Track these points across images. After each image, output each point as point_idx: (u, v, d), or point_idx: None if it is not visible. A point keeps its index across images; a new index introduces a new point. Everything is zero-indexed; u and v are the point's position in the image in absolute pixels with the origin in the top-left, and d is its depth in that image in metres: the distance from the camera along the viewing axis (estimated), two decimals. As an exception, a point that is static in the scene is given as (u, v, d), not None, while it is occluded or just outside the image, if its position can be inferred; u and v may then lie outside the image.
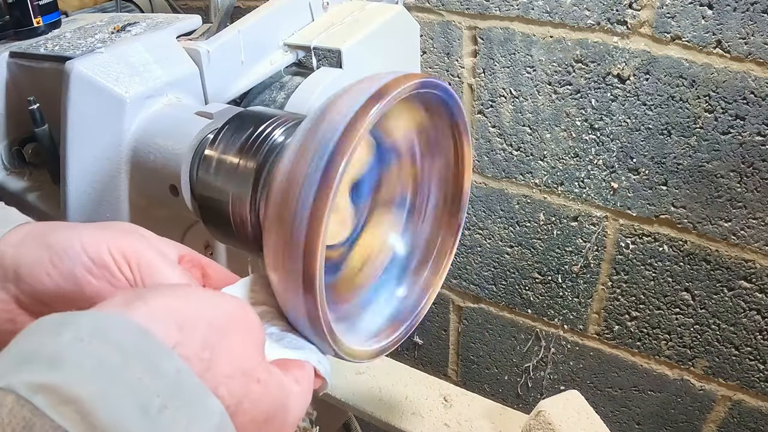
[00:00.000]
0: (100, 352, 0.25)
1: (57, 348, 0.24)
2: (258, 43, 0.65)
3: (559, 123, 0.90)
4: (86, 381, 0.24)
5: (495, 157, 0.99)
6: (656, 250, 0.92)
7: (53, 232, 0.36)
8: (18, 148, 0.68)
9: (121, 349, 0.25)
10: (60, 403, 0.22)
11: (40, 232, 0.36)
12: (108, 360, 0.25)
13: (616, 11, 0.79)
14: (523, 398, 1.20)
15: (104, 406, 0.23)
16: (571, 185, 0.94)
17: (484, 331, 1.17)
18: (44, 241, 0.36)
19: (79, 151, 0.55)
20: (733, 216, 0.83)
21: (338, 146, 0.34)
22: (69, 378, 0.23)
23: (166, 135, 0.53)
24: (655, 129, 0.84)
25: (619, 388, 1.07)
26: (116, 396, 0.24)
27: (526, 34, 0.87)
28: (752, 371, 0.92)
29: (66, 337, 0.25)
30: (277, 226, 0.35)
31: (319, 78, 0.64)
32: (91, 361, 0.24)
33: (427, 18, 0.94)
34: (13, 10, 0.65)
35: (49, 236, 0.36)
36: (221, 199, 0.47)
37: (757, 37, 0.72)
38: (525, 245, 1.04)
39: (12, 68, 0.65)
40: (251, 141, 0.46)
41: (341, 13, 0.72)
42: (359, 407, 0.73)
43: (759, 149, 0.78)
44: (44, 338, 0.25)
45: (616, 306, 1.00)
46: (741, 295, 0.88)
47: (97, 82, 0.53)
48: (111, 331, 0.26)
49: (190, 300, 0.30)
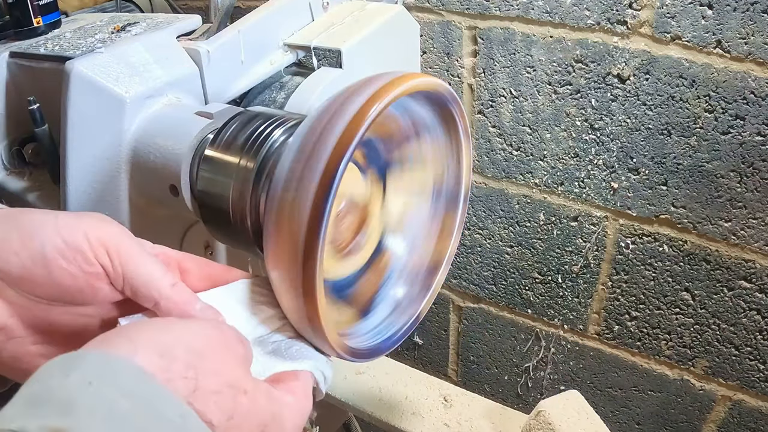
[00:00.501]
0: (109, 398, 0.25)
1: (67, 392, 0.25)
2: (258, 43, 0.65)
3: (559, 123, 0.90)
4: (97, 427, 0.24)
5: (495, 157, 0.99)
6: (656, 250, 0.92)
7: (26, 214, 0.36)
8: (18, 148, 0.68)
9: (129, 395, 0.26)
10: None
11: (11, 213, 0.36)
12: (117, 406, 0.25)
13: (616, 11, 0.79)
14: (523, 398, 1.20)
15: None
16: (571, 185, 0.94)
17: (484, 331, 1.17)
18: (15, 221, 0.35)
19: (79, 151, 0.55)
20: (733, 216, 0.83)
21: (338, 146, 0.34)
22: (81, 423, 0.24)
23: (166, 135, 0.53)
24: (655, 129, 0.84)
25: (619, 388, 1.07)
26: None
27: (526, 34, 0.87)
28: (752, 371, 0.92)
29: (74, 380, 0.25)
30: (277, 226, 0.35)
31: (319, 78, 0.64)
32: (101, 407, 0.25)
33: (427, 18, 0.94)
34: (13, 10, 0.65)
35: (21, 217, 0.35)
36: (221, 199, 0.47)
37: (757, 37, 0.72)
38: (525, 245, 1.04)
39: (12, 68, 0.64)
40: (251, 141, 0.46)
41: (341, 13, 0.72)
42: (359, 407, 0.73)
43: (759, 149, 0.78)
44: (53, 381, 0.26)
45: (616, 306, 1.00)
46: (741, 295, 0.88)
47: (97, 82, 0.53)
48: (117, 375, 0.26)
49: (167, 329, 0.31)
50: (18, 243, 0.34)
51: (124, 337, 0.29)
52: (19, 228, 0.34)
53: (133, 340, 0.29)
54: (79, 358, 0.27)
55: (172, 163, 0.51)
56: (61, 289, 0.35)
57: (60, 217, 0.35)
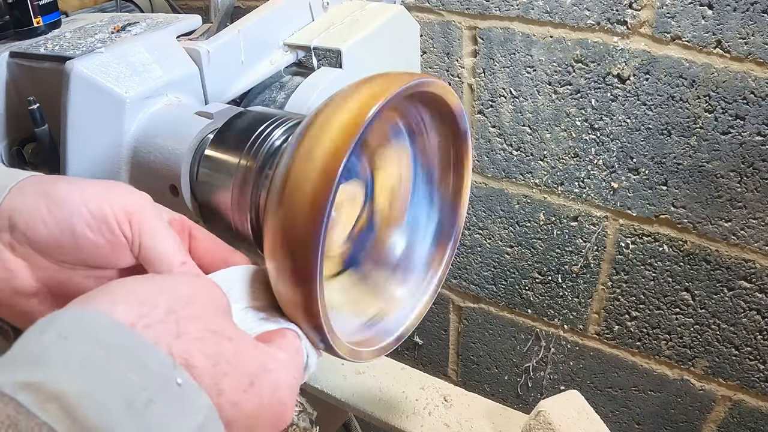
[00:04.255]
0: (84, 350, 0.25)
1: (41, 347, 0.25)
2: (258, 43, 0.65)
3: (559, 123, 0.90)
4: (71, 378, 0.24)
5: (495, 157, 0.99)
6: (656, 250, 0.92)
7: (54, 183, 0.37)
8: (18, 148, 0.67)
9: (106, 346, 0.25)
10: (44, 400, 0.22)
11: (39, 181, 0.37)
12: (93, 357, 0.25)
13: (616, 11, 0.79)
14: (523, 398, 1.20)
15: (89, 402, 0.23)
16: (571, 185, 0.94)
17: (484, 331, 1.17)
18: (43, 188, 0.36)
19: (79, 151, 0.55)
20: (733, 216, 0.83)
21: (338, 146, 0.34)
22: (53, 375, 0.23)
23: (166, 135, 0.53)
24: (655, 129, 0.84)
25: (619, 388, 1.07)
26: (101, 391, 0.24)
27: (526, 34, 0.87)
28: (752, 371, 0.92)
29: (50, 336, 0.25)
30: (276, 226, 0.35)
31: (319, 78, 0.64)
32: (75, 358, 0.24)
33: (427, 18, 0.94)
34: (13, 10, 0.65)
35: (48, 185, 0.36)
36: (221, 199, 0.47)
37: (757, 37, 0.72)
38: (525, 245, 1.04)
39: (12, 68, 0.64)
40: (251, 141, 0.46)
41: (341, 13, 0.72)
42: (359, 407, 0.73)
43: (759, 149, 0.78)
44: (29, 338, 0.25)
45: (616, 306, 1.00)
46: (741, 295, 0.88)
47: (97, 82, 0.53)
48: (95, 329, 0.26)
49: (150, 281, 0.31)
50: (46, 212, 0.35)
51: (104, 293, 0.29)
52: (47, 197, 0.36)
53: (113, 293, 0.28)
54: (56, 316, 0.27)
55: (172, 163, 0.51)
56: (87, 255, 0.37)
57: (86, 187, 0.36)
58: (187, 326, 0.29)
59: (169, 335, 0.28)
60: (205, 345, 0.29)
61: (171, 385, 0.26)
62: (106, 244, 0.36)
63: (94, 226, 0.36)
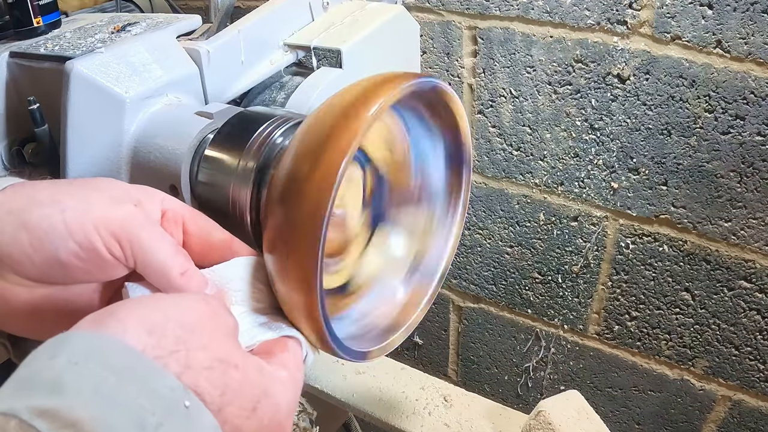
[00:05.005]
0: (96, 375, 0.25)
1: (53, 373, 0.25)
2: (258, 43, 0.65)
3: (559, 123, 0.90)
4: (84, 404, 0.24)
5: (495, 157, 0.99)
6: (656, 250, 0.92)
7: (31, 209, 0.35)
8: (18, 148, 0.67)
9: (117, 371, 0.26)
10: (61, 426, 0.23)
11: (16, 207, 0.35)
12: (104, 382, 0.25)
13: (616, 11, 0.79)
14: (523, 398, 1.20)
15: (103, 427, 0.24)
16: (571, 185, 0.94)
17: (484, 331, 1.17)
18: (21, 219, 0.34)
19: (79, 151, 0.55)
20: (733, 216, 0.83)
21: (338, 146, 0.34)
22: (69, 402, 0.24)
23: (166, 135, 0.53)
24: (655, 129, 0.84)
25: (619, 388, 1.07)
26: (114, 417, 0.25)
27: (526, 34, 0.87)
28: (752, 371, 0.92)
29: (61, 361, 0.26)
30: (276, 226, 0.35)
31: (319, 78, 0.64)
32: (88, 384, 0.25)
33: (427, 18, 0.94)
34: (13, 10, 0.65)
35: (25, 214, 0.34)
36: (221, 199, 0.47)
37: (757, 37, 0.72)
38: (525, 245, 1.04)
39: (12, 68, 0.64)
40: (251, 141, 0.46)
41: (341, 13, 0.72)
42: (359, 407, 0.73)
43: (759, 149, 0.78)
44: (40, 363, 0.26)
45: (616, 306, 1.00)
46: (741, 295, 0.88)
47: (97, 82, 0.53)
48: (104, 353, 0.26)
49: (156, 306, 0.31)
50: (30, 248, 0.34)
51: (113, 317, 0.29)
52: (27, 229, 0.34)
53: (122, 320, 0.28)
54: (65, 339, 0.27)
55: (172, 163, 0.51)
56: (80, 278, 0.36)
57: (67, 212, 0.34)
58: (196, 356, 0.29)
59: (179, 366, 0.28)
60: (212, 374, 0.30)
61: (179, 408, 0.27)
62: (98, 268, 0.35)
63: (83, 256, 0.34)
